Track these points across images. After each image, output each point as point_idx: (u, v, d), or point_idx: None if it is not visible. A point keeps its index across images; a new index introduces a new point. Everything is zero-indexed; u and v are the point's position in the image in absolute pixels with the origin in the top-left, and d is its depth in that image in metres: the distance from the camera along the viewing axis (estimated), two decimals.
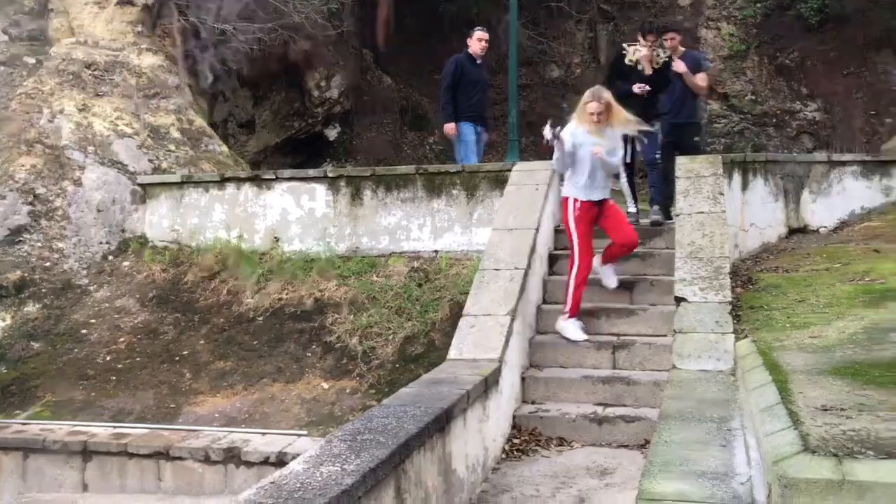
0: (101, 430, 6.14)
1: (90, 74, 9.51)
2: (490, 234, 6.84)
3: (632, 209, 7.92)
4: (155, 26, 10.15)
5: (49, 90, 9.31)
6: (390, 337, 6.86)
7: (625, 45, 7.78)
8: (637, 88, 7.59)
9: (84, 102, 9.13)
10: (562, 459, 5.37)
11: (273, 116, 13.40)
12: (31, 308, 7.86)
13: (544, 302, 6.93)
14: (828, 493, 2.58)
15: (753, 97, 13.84)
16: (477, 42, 8.93)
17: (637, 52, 7.62)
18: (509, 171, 7.65)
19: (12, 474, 6.07)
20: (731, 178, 7.70)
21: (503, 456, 5.44)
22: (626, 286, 6.80)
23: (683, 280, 5.84)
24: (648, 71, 7.63)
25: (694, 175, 7.00)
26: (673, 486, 2.95)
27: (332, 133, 14.60)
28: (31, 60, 10.06)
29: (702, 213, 6.52)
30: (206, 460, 5.69)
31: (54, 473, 6.00)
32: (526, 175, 7.52)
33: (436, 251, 7.87)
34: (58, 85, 9.38)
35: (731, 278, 6.73)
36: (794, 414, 3.24)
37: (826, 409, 3.32)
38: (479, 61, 8.99)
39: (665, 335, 6.13)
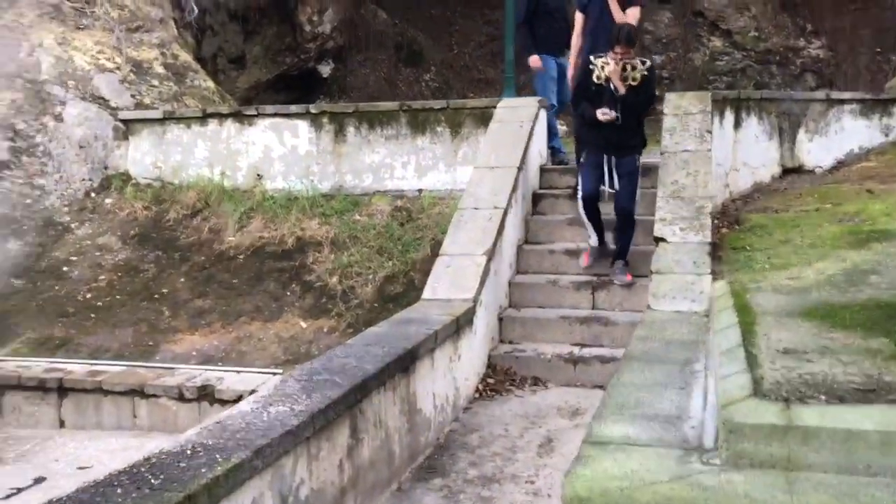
0: (77, 368, 6.12)
1: (70, 7, 9.27)
2: (472, 172, 6.70)
3: (593, 240, 6.37)
4: None
5: (28, 23, 9.09)
6: (370, 276, 6.78)
7: (592, 59, 6.04)
8: (601, 115, 5.82)
9: (64, 35, 8.91)
10: (535, 399, 5.34)
11: (264, 52, 13.14)
12: (13, 245, 7.80)
13: (526, 242, 6.83)
14: (772, 439, 2.50)
15: (757, 34, 13.45)
16: None
17: (606, 67, 5.87)
18: (495, 107, 7.45)
19: None
20: (722, 116, 7.50)
21: (476, 395, 5.41)
22: (608, 226, 6.67)
23: (664, 220, 5.71)
24: (622, 90, 5.82)
25: (682, 112, 6.81)
26: (621, 428, 2.89)
27: (325, 69, 14.32)
28: None
29: (687, 151, 6.36)
30: (181, 398, 5.67)
31: (31, 410, 6.01)
32: (511, 112, 7.33)
33: (420, 190, 7.73)
34: (37, 17, 9.14)
35: (718, 219, 6.63)
36: (753, 357, 3.16)
37: (787, 352, 3.24)
38: None
39: (646, 276, 6.02)
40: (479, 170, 6.64)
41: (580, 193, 6.18)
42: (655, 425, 2.92)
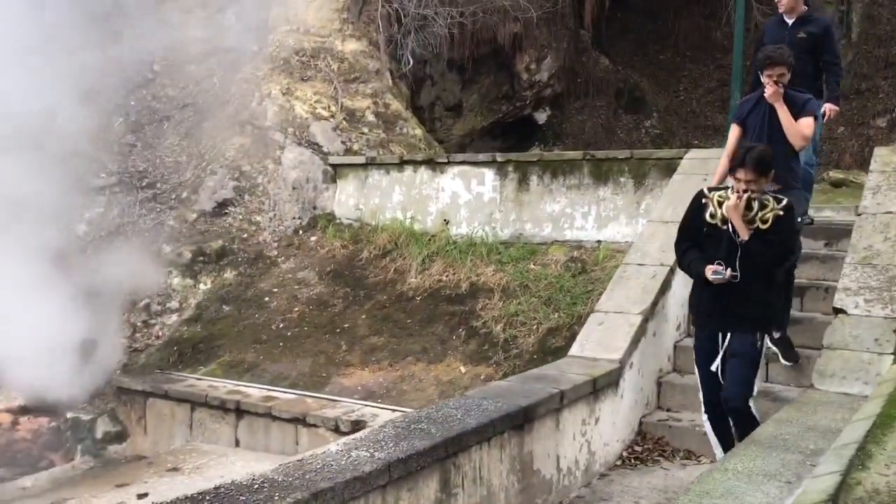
0: (254, 392, 6.64)
1: (298, 60, 10.22)
2: (644, 225, 6.45)
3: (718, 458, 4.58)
4: (360, 13, 10.66)
5: (262, 75, 10.14)
6: (534, 327, 6.71)
7: (705, 191, 4.45)
8: (711, 274, 4.24)
9: (289, 86, 9.83)
10: (681, 474, 4.97)
11: (481, 100, 13.56)
12: (228, 275, 8.66)
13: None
14: None
15: None
16: None
17: (724, 203, 4.25)
18: (681, 158, 7.12)
19: (182, 424, 6.76)
20: None
21: (619, 463, 5.15)
22: (796, 292, 6.08)
23: (848, 289, 5.11)
24: (744, 235, 4.21)
25: (891, 169, 6.07)
26: None
27: (541, 117, 14.49)
28: (255, 47, 10.99)
29: (889, 213, 5.65)
30: (336, 430, 5.94)
31: (214, 427, 6.60)
32: (698, 164, 6.97)
33: (599, 241, 7.55)
34: (270, 70, 10.18)
35: None
36: (867, 456, 2.73)
37: None
38: (788, 19, 6.21)
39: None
40: (651, 224, 6.37)
41: (701, 397, 4.62)
42: None
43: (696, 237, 4.41)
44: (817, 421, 3.88)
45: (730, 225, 4.25)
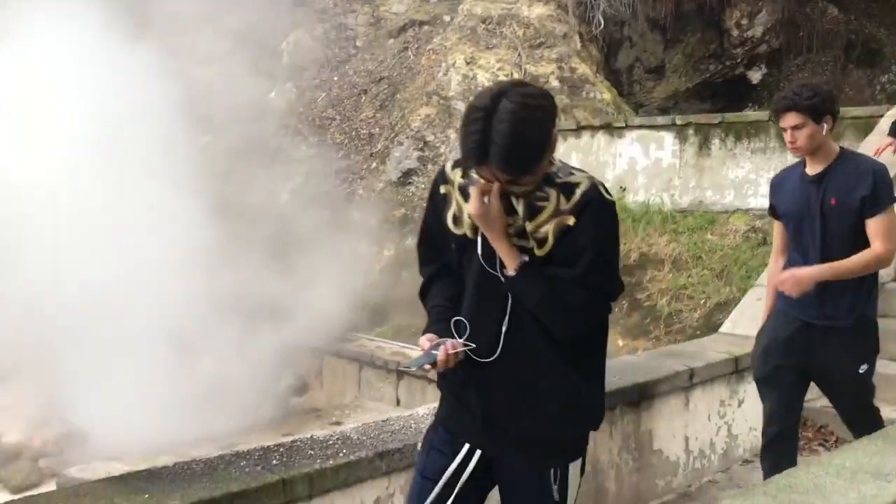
0: (415, 354, 6.83)
1: (484, 28, 10.25)
2: None
3: None
4: None
5: (450, 45, 10.30)
6: (702, 301, 6.30)
7: (448, 168, 2.19)
8: (418, 364, 2.20)
9: (472, 55, 9.90)
10: None
11: (685, 60, 12.77)
12: (409, 242, 8.96)
13: (895, 279, 5.67)
14: None
15: None
16: None
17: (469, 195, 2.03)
18: (881, 116, 6.30)
19: (352, 381, 7.15)
20: None
21: None
22: None
23: None
24: (511, 264, 1.97)
25: None
26: None
27: (755, 76, 13.37)
28: (447, 18, 11.20)
29: None
30: None
31: (379, 385, 6.91)
32: None
33: None
34: (458, 40, 10.31)
35: None
36: None
37: None
38: None
39: None
40: None
41: None
42: None
43: (435, 260, 2.33)
44: None
45: (480, 239, 2.05)
